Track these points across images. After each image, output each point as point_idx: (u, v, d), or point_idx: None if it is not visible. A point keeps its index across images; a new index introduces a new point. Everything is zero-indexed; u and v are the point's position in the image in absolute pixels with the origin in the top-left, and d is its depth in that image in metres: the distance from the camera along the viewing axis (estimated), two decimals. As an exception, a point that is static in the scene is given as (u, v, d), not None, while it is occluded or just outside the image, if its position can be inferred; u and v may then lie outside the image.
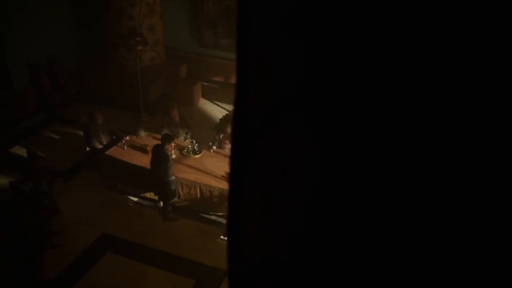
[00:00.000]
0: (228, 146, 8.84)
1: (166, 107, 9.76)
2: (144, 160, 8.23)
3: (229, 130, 8.87)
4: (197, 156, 8.45)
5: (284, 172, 0.58)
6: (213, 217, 8.05)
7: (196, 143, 8.61)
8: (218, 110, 11.03)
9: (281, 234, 0.61)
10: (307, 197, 0.55)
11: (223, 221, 7.85)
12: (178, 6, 12.46)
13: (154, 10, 10.67)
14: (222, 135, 8.89)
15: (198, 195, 8.03)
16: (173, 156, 8.18)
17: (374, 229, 0.51)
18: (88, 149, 8.89)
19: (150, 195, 8.30)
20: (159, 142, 8.06)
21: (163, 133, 8.62)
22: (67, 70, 11.00)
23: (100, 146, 8.80)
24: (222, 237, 7.59)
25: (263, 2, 0.57)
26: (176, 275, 7.04)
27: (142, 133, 8.94)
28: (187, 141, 8.86)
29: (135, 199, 8.43)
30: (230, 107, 11.09)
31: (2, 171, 8.50)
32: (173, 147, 8.22)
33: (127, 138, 8.73)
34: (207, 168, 8.20)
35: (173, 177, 7.83)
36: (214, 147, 8.65)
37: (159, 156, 7.75)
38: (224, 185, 7.90)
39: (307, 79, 0.52)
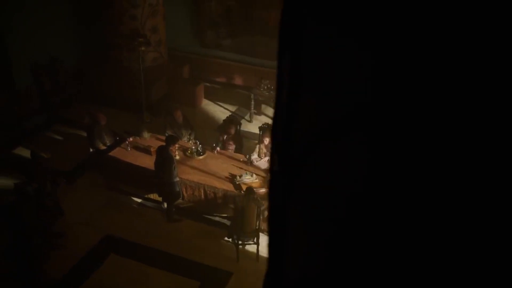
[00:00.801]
0: (231, 147, 8.82)
1: (169, 108, 9.75)
2: (147, 161, 8.21)
3: (232, 131, 8.86)
4: (200, 157, 8.43)
5: (330, 188, 0.58)
6: (217, 219, 8.04)
7: (199, 144, 8.58)
8: (220, 111, 11.02)
9: (318, 250, 0.62)
10: (348, 213, 0.56)
11: (227, 222, 7.84)
12: (180, 6, 12.45)
13: (157, 11, 10.65)
14: (225, 136, 8.87)
15: (202, 196, 8.01)
16: (177, 157, 8.16)
17: (411, 253, 0.51)
18: (91, 150, 8.86)
19: (154, 196, 8.27)
20: (163, 143, 8.04)
21: (167, 134, 8.60)
22: (69, 70, 10.96)
23: (103, 147, 8.78)
24: (226, 238, 7.57)
25: (322, 21, 0.56)
26: (180, 277, 7.02)
27: (145, 134, 8.91)
28: (190, 142, 8.84)
29: (139, 200, 8.41)
30: (232, 108, 11.10)
31: (5, 172, 8.48)
32: (177, 148, 8.19)
33: (130, 139, 8.70)
34: (211, 169, 8.18)
35: (177, 179, 7.80)
36: (218, 148, 8.63)
37: (164, 157, 7.72)
38: (228, 187, 7.89)
39: (369, 100, 0.52)
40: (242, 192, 7.53)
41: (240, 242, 7.29)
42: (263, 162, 8.27)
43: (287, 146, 0.63)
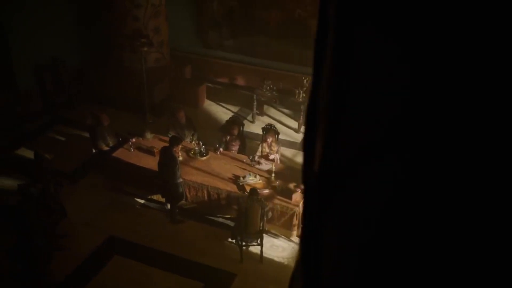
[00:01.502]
0: (235, 148, 8.81)
1: (172, 108, 9.73)
2: (150, 162, 8.19)
3: (235, 131, 8.85)
4: (203, 158, 8.41)
5: (365, 203, 0.59)
6: (221, 220, 8.02)
7: (202, 145, 8.56)
8: (223, 112, 11.02)
9: (350, 262, 0.63)
10: (381, 229, 0.57)
11: (231, 223, 7.83)
12: (182, 7, 12.44)
13: (159, 11, 10.64)
14: (228, 136, 8.85)
15: (206, 197, 7.99)
16: (180, 158, 8.14)
17: (439, 269, 0.52)
18: (94, 150, 8.84)
19: (157, 197, 8.26)
20: (166, 144, 8.02)
21: (170, 135, 8.58)
22: (70, 70, 10.94)
23: (106, 148, 8.76)
24: (229, 239, 7.56)
25: (368, 51, 0.57)
26: (183, 278, 7.00)
27: (148, 135, 8.90)
28: (193, 143, 8.83)
29: (142, 201, 8.39)
30: (234, 109, 11.09)
31: (8, 173, 8.46)
32: (180, 149, 8.18)
33: (133, 140, 8.68)
34: (214, 170, 8.16)
35: (181, 180, 7.79)
36: (221, 149, 8.61)
37: (167, 158, 7.70)
38: (232, 188, 7.87)
39: (402, 122, 0.53)
40: (246, 193, 7.52)
41: (243, 243, 7.28)
42: (266, 163, 8.25)
43: (328, 161, 0.64)
